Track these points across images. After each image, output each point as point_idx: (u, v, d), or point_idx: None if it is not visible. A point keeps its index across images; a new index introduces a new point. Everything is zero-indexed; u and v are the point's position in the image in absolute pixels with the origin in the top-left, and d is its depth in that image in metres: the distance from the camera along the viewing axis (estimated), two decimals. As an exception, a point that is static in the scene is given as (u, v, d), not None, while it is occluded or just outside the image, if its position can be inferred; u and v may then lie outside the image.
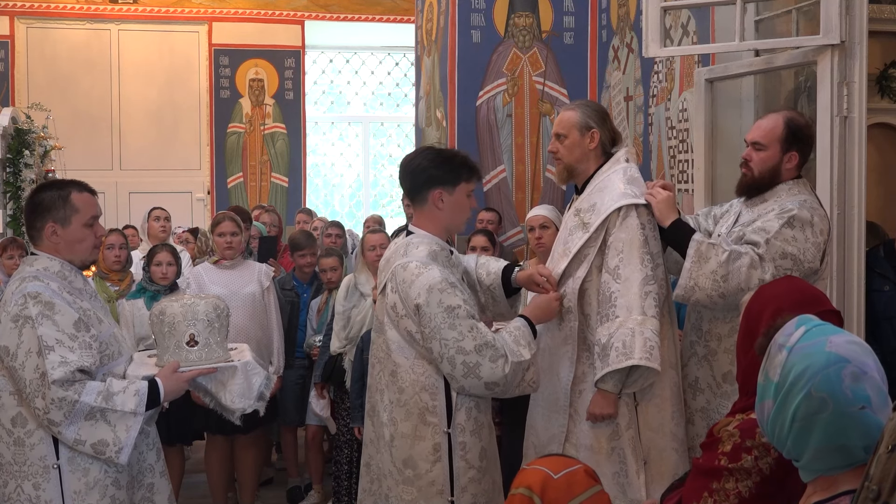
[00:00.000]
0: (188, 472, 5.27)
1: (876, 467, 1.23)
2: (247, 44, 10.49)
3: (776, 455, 1.87)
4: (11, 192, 7.38)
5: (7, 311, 2.61)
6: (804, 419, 1.45)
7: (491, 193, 6.61)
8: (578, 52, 6.66)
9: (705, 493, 1.93)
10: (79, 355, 2.57)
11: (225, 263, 4.84)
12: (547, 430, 3.24)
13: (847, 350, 1.46)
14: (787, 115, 3.22)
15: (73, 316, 2.61)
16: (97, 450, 2.58)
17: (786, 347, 1.51)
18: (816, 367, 1.45)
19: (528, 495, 1.97)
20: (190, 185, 10.47)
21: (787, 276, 2.49)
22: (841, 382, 1.43)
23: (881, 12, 4.91)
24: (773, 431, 1.53)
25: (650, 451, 3.12)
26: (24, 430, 2.61)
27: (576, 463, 2.06)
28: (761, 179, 3.17)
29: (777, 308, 1.97)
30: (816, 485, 1.51)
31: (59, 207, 2.72)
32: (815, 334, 1.50)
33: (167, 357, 2.83)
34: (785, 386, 1.48)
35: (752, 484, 1.88)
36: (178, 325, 2.83)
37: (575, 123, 3.22)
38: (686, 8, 4.87)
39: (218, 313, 2.89)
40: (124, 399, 2.60)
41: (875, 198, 4.72)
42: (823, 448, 1.45)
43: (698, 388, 3.29)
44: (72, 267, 2.76)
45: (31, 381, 2.54)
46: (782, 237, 2.99)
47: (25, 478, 2.60)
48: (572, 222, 3.21)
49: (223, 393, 2.87)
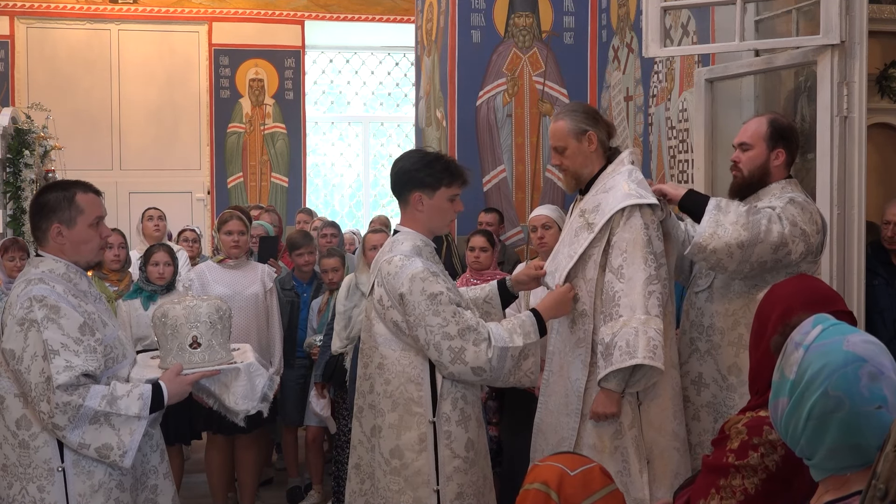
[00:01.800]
0: (188, 472, 5.27)
1: (883, 466, 1.22)
2: (247, 44, 10.49)
3: (783, 453, 1.87)
4: (11, 192, 7.38)
5: (13, 314, 2.61)
6: (819, 418, 1.45)
7: (491, 193, 6.61)
8: (578, 52, 6.66)
9: (713, 490, 1.93)
10: (84, 359, 2.57)
11: (229, 263, 4.85)
12: (556, 432, 3.23)
13: (864, 349, 1.46)
14: (771, 116, 3.32)
15: (78, 320, 2.61)
16: (101, 454, 2.59)
17: (802, 345, 1.51)
18: (834, 365, 1.45)
19: (544, 491, 1.96)
20: (190, 185, 10.48)
21: (800, 275, 2.50)
22: (858, 382, 1.43)
23: (881, 12, 4.90)
24: (786, 429, 1.52)
25: (652, 450, 3.12)
26: (28, 432, 2.61)
27: (590, 461, 2.07)
28: (752, 178, 3.23)
29: (789, 307, 1.97)
30: (828, 484, 1.51)
31: (64, 208, 2.72)
32: (832, 333, 1.50)
33: (170, 359, 2.83)
34: (801, 384, 1.48)
35: (759, 481, 1.89)
36: (180, 328, 2.82)
37: (570, 132, 3.22)
38: (686, 8, 4.87)
39: (220, 315, 2.89)
40: (128, 403, 2.61)
41: (875, 198, 4.72)
42: (838, 447, 1.45)
43: (702, 383, 3.29)
44: (77, 269, 2.76)
45: (36, 384, 2.55)
46: (789, 211, 3.06)
47: (30, 480, 2.61)
48: (577, 223, 3.21)
49: (227, 395, 2.86)
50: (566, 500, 1.94)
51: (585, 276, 3.15)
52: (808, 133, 4.44)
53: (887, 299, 4.42)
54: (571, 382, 3.18)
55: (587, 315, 3.13)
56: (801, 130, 4.73)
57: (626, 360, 2.97)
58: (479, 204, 6.45)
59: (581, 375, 3.14)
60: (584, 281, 3.15)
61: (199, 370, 2.81)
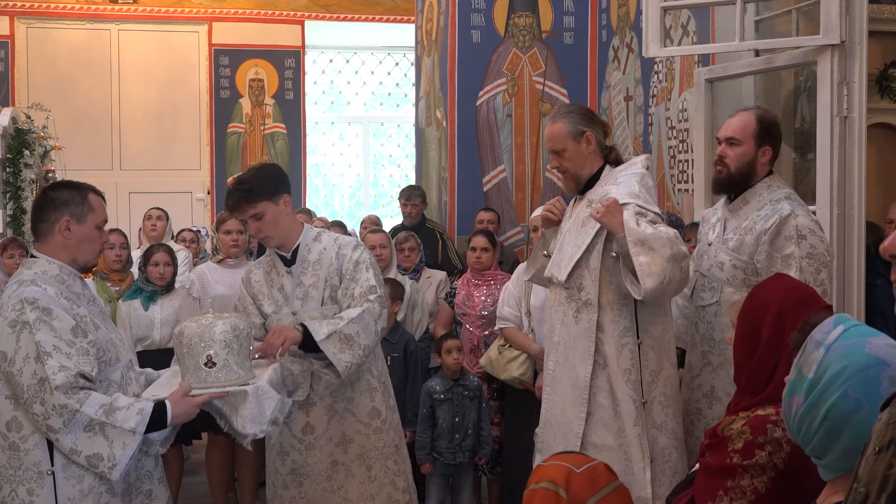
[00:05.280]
0: (188, 472, 5.27)
1: (864, 468, 1.21)
2: (247, 44, 10.49)
3: (789, 449, 1.87)
4: (11, 192, 7.38)
5: (4, 316, 2.60)
6: (837, 418, 1.45)
7: (491, 193, 6.61)
8: (578, 52, 6.67)
9: (720, 492, 1.93)
10: (76, 361, 2.56)
11: (229, 262, 4.85)
12: (564, 425, 3.20)
13: (887, 353, 1.45)
14: (758, 112, 3.31)
15: (69, 322, 2.60)
16: (91, 462, 2.57)
17: (823, 345, 1.50)
18: (855, 367, 1.44)
19: (553, 489, 1.96)
20: (190, 185, 10.47)
21: (777, 275, 2.48)
22: (879, 385, 1.42)
23: (881, 12, 4.91)
24: (799, 427, 1.52)
25: (653, 448, 3.12)
26: (18, 434, 2.59)
27: (593, 459, 2.07)
28: (738, 175, 3.22)
29: (780, 309, 1.98)
30: (837, 484, 1.51)
31: (77, 203, 2.73)
32: (854, 334, 1.50)
33: (187, 378, 2.80)
34: (820, 383, 1.47)
35: (768, 479, 1.89)
36: (194, 346, 2.79)
37: (567, 134, 3.21)
38: (686, 8, 4.87)
39: (236, 334, 2.83)
40: (126, 416, 2.58)
41: (875, 198, 4.72)
42: (852, 449, 1.44)
43: (714, 396, 3.26)
44: (70, 270, 2.74)
45: (28, 386, 2.53)
46: (809, 267, 3.07)
47: (20, 482, 2.59)
48: (584, 213, 3.19)
49: (235, 417, 2.82)
50: (574, 497, 1.94)
51: (590, 266, 3.14)
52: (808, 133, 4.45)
53: (889, 300, 4.41)
54: (577, 374, 3.16)
55: (592, 305, 3.12)
56: (801, 130, 4.74)
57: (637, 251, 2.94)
58: (479, 204, 6.46)
59: (586, 367, 3.13)
60: (589, 271, 3.14)
61: (206, 392, 2.77)
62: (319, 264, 3.41)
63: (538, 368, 4.21)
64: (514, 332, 4.35)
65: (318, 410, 3.43)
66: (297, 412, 3.39)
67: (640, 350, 3.12)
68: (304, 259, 3.42)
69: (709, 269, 3.27)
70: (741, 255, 3.16)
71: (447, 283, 5.24)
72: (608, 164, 3.28)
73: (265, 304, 3.45)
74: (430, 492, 4.52)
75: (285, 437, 3.47)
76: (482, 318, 4.82)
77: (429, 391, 4.42)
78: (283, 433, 3.45)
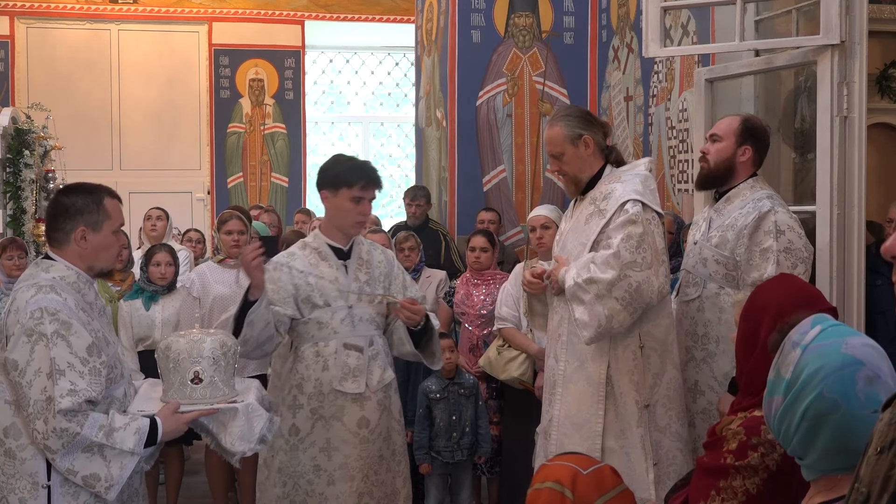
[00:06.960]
0: (188, 472, 5.27)
1: (865, 469, 1.21)
2: (247, 44, 10.49)
3: (782, 451, 1.87)
4: (11, 192, 7.37)
5: (21, 322, 2.51)
6: (814, 419, 1.45)
7: (491, 193, 6.61)
8: (578, 52, 6.67)
9: (713, 492, 1.93)
10: (88, 382, 2.50)
11: (230, 262, 4.85)
12: (582, 425, 3.16)
13: (863, 353, 1.46)
14: (745, 115, 3.46)
15: (87, 339, 2.54)
16: (87, 482, 2.52)
17: (800, 346, 1.50)
18: (831, 367, 1.44)
19: (558, 489, 1.96)
20: (190, 185, 10.47)
21: (782, 275, 2.49)
22: (855, 385, 1.42)
23: (881, 12, 4.91)
24: (779, 428, 1.52)
25: (657, 451, 3.12)
26: (17, 442, 2.54)
27: (598, 461, 2.07)
28: (717, 170, 3.32)
29: (779, 311, 1.98)
30: (819, 485, 1.51)
31: (92, 211, 2.65)
32: (831, 334, 1.50)
33: (171, 393, 2.76)
34: (797, 384, 1.47)
35: (760, 481, 1.89)
36: (182, 362, 2.75)
37: (565, 138, 3.21)
38: (686, 8, 4.87)
39: (224, 351, 2.81)
40: (124, 437, 2.54)
41: (875, 198, 4.72)
42: (830, 449, 1.44)
43: (698, 390, 3.31)
44: (86, 278, 2.68)
45: (35, 401, 2.47)
46: (786, 261, 3.13)
47: (12, 491, 2.54)
48: (588, 210, 3.20)
49: (223, 434, 2.77)
50: (580, 498, 1.94)
51: None
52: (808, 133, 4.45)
53: (890, 300, 4.40)
54: (591, 372, 3.15)
55: None
56: (801, 130, 4.73)
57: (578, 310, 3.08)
58: (479, 204, 6.46)
59: (600, 364, 3.13)
60: None
61: (196, 409, 2.72)
62: (370, 262, 3.47)
63: (538, 368, 4.21)
64: (513, 333, 4.35)
65: (372, 404, 3.36)
66: (351, 406, 3.31)
67: (642, 352, 3.12)
68: (359, 256, 3.46)
69: (693, 265, 3.34)
70: (723, 251, 3.23)
71: (447, 283, 5.25)
72: (609, 163, 3.29)
73: (314, 295, 3.35)
74: (429, 491, 4.52)
75: (336, 432, 3.33)
76: (481, 317, 4.82)
77: (424, 391, 4.42)
78: (335, 427, 3.33)
